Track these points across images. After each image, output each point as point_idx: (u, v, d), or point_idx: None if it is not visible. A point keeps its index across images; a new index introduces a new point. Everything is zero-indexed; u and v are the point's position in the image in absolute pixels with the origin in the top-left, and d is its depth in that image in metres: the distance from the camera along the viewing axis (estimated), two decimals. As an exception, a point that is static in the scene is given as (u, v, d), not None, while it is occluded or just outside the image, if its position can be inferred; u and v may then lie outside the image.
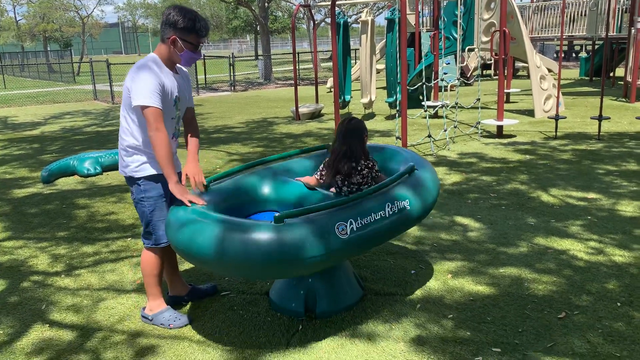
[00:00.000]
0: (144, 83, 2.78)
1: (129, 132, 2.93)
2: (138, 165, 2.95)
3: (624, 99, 11.91)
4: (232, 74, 19.47)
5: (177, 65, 3.02)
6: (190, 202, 2.87)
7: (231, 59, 19.46)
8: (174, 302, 3.32)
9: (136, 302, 3.41)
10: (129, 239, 4.55)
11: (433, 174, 3.31)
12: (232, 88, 19.21)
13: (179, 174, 3.11)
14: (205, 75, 21.43)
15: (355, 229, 2.68)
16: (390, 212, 2.85)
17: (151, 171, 2.96)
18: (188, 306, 3.34)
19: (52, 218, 5.21)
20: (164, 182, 2.97)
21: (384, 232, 2.84)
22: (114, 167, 6.95)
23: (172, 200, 3.01)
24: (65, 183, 6.56)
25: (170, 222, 2.82)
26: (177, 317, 3.12)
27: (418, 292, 3.39)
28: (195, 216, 2.72)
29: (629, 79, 11.83)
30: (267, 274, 2.82)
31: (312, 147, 3.92)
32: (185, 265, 3.91)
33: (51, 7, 36.72)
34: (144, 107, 2.78)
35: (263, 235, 2.52)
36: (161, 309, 3.13)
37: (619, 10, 15.01)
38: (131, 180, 3.00)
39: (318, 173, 3.41)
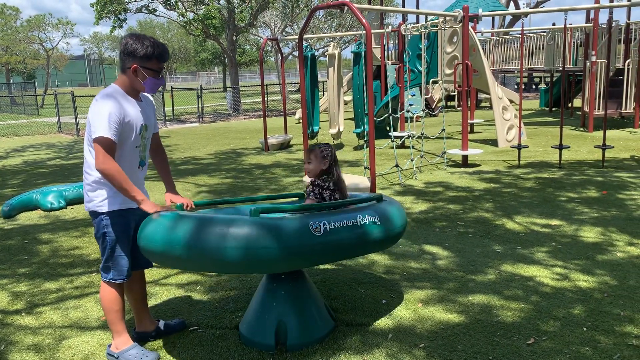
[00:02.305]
0: (102, 114, 2.75)
1: (91, 165, 2.89)
2: (102, 200, 2.90)
3: (582, 129, 12.36)
4: (200, 105, 19.45)
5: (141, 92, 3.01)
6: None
7: (199, 91, 19.47)
8: (141, 339, 3.23)
9: (101, 340, 3.31)
10: (93, 274, 4.43)
11: (400, 209, 3.37)
12: (201, 120, 19.17)
13: None
14: (172, 107, 21.34)
15: (328, 229, 2.77)
16: (362, 223, 2.93)
17: (115, 206, 2.91)
18: (156, 343, 3.25)
19: (13, 254, 5.04)
20: (128, 217, 2.95)
21: (353, 241, 2.91)
22: (78, 200, 6.80)
23: (134, 235, 2.97)
24: (28, 218, 6.37)
25: (150, 228, 2.79)
26: (145, 354, 3.03)
27: (389, 322, 3.39)
28: (172, 217, 2.75)
29: (586, 109, 12.31)
30: (246, 267, 2.82)
31: (288, 193, 4.08)
32: (152, 301, 3.82)
33: (15, 40, 36.20)
34: (96, 138, 2.74)
35: (241, 228, 2.59)
36: (127, 346, 3.04)
37: (574, 44, 15.71)
38: (95, 215, 2.95)
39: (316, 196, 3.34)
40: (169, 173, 3.27)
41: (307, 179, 3.51)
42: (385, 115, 9.53)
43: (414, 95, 12.99)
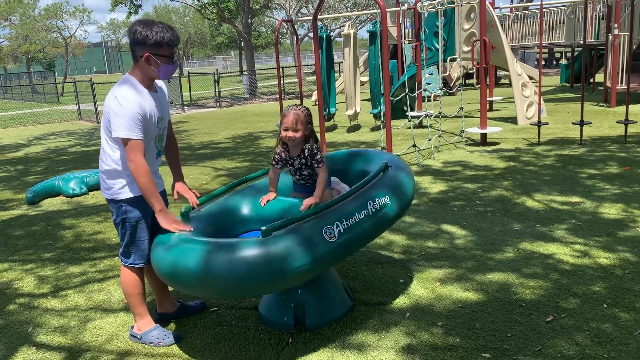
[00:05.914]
0: (124, 113, 2.72)
1: (109, 156, 2.90)
2: (121, 187, 2.93)
3: (604, 104, 12.10)
4: (217, 90, 19.50)
5: (155, 80, 3.00)
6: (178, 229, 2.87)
7: (216, 75, 19.50)
8: (163, 320, 3.30)
9: (124, 321, 3.38)
10: (115, 257, 4.51)
11: (406, 168, 3.31)
12: (218, 104, 19.23)
13: (163, 192, 3.09)
14: (190, 92, 21.43)
15: (342, 231, 2.71)
16: (373, 210, 2.87)
17: (134, 192, 2.94)
18: (177, 323, 3.32)
19: (38, 239, 5.16)
20: (146, 202, 2.97)
21: (369, 231, 2.87)
22: (99, 186, 6.89)
23: (153, 220, 2.99)
24: (51, 204, 6.50)
25: (159, 254, 2.75)
26: (166, 335, 3.09)
27: (407, 301, 3.40)
28: (183, 242, 2.69)
29: (608, 84, 12.03)
30: (262, 289, 2.79)
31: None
32: (173, 283, 3.88)
33: (33, 29, 36.59)
34: (124, 140, 2.75)
35: (254, 251, 2.51)
36: (149, 327, 3.11)
37: (596, 18, 15.31)
38: (113, 202, 2.98)
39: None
40: (178, 162, 3.28)
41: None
42: (402, 94, 9.45)
43: (431, 74, 12.85)
